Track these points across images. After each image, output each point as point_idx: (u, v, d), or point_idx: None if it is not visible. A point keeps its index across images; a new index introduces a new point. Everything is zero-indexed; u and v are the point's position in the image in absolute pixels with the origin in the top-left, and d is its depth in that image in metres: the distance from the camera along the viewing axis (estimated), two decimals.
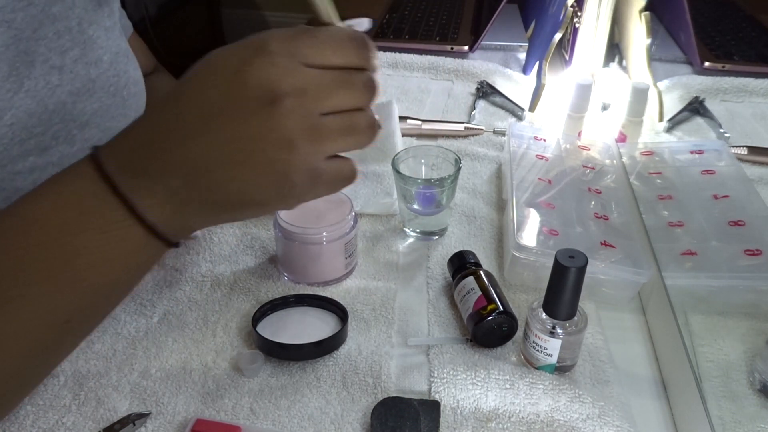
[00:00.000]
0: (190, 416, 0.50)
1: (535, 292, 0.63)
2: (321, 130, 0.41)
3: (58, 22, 0.58)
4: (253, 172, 0.41)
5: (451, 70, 1.06)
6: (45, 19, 0.57)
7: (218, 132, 0.40)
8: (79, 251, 0.41)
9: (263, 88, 0.39)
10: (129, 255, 0.43)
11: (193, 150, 0.41)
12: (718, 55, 0.88)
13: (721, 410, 0.47)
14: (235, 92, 0.40)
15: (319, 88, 0.41)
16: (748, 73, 0.85)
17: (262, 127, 0.40)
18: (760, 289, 0.57)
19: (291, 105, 0.40)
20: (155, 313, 0.59)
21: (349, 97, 0.42)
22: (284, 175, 0.41)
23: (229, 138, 0.40)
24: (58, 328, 0.43)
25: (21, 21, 0.55)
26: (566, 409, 0.50)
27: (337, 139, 0.42)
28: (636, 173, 0.75)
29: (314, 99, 0.40)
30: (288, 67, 0.40)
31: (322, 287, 0.63)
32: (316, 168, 0.42)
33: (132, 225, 0.42)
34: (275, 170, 0.41)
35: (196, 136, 0.41)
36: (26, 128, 0.55)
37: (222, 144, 0.40)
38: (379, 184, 0.75)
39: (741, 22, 0.90)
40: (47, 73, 0.57)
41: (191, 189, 0.42)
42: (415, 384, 0.53)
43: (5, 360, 0.42)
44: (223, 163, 0.41)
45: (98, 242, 0.41)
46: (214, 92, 0.41)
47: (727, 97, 0.83)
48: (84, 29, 0.61)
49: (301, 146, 0.40)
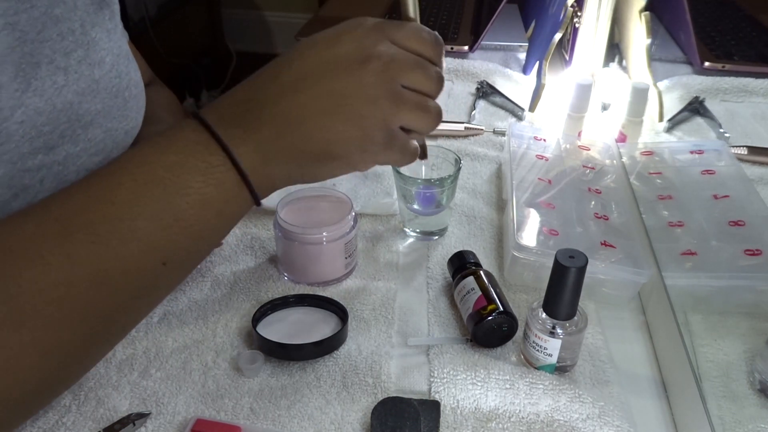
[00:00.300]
0: (190, 416, 0.50)
1: (535, 292, 0.63)
2: (401, 97, 0.47)
3: (61, 23, 0.59)
4: (341, 124, 0.46)
5: (451, 70, 1.06)
6: (48, 21, 0.58)
7: (312, 87, 0.45)
8: (181, 191, 0.44)
9: (357, 50, 0.46)
10: (223, 201, 0.46)
11: (287, 103, 0.46)
12: (718, 55, 0.88)
13: (721, 410, 0.47)
14: (331, 54, 0.46)
15: (403, 61, 0.47)
16: (748, 73, 0.85)
17: (353, 83, 0.45)
18: (760, 289, 0.57)
19: (379, 68, 0.45)
20: (155, 313, 0.59)
21: (425, 79, 0.48)
22: (366, 129, 0.46)
23: (322, 92, 0.45)
24: (157, 268, 0.45)
25: (25, 23, 0.55)
26: (566, 409, 0.50)
27: (412, 110, 0.48)
28: (636, 173, 0.75)
29: (398, 68, 0.46)
30: (379, 38, 0.46)
31: (322, 287, 0.63)
32: (392, 131, 0.47)
33: (229, 170, 0.45)
34: (360, 124, 0.46)
35: (291, 92, 0.46)
36: (35, 126, 0.56)
37: (315, 97, 0.45)
38: (379, 184, 0.75)
39: (741, 22, 0.90)
40: (53, 74, 0.57)
41: (282, 138, 0.46)
42: (415, 384, 0.54)
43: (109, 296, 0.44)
44: (314, 114, 0.45)
45: (199, 184, 0.44)
46: (312, 55, 0.46)
47: (727, 97, 0.84)
48: (87, 31, 0.62)
49: (383, 105, 0.46)
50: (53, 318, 0.42)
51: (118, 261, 0.43)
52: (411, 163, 0.52)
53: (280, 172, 0.47)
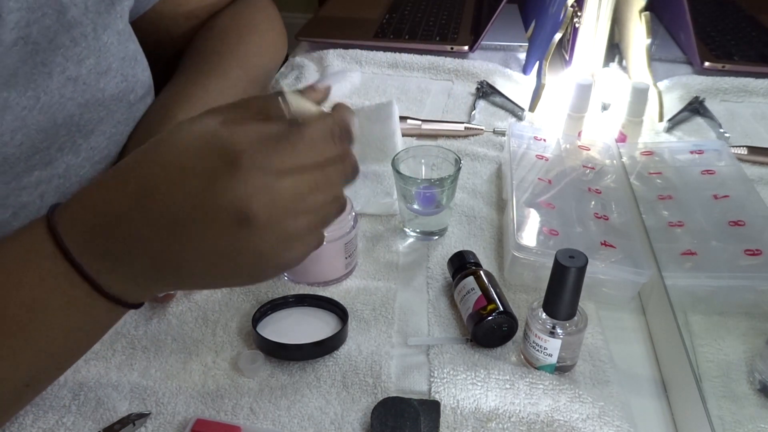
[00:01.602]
0: (190, 416, 0.50)
1: (535, 292, 0.63)
2: (294, 237, 0.41)
3: (73, 28, 0.57)
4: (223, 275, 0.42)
5: (451, 70, 1.06)
6: (60, 28, 0.56)
7: (188, 241, 0.40)
8: (39, 328, 0.41)
9: (234, 208, 0.38)
10: (91, 323, 0.44)
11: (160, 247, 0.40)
12: (718, 55, 0.88)
13: (721, 410, 0.47)
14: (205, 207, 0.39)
15: (293, 198, 0.40)
16: (748, 73, 0.85)
17: (234, 245, 0.40)
18: (760, 289, 0.57)
19: (263, 224, 0.39)
20: (155, 314, 0.59)
21: (324, 194, 0.42)
22: (253, 277, 0.43)
23: (198, 248, 0.40)
24: (19, 391, 0.43)
25: (37, 34, 0.54)
26: (566, 409, 0.50)
27: (309, 234, 0.43)
28: (636, 173, 0.75)
29: (287, 211, 0.40)
30: (259, 186, 0.39)
31: (322, 287, 0.63)
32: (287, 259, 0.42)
33: (95, 300, 0.42)
34: (245, 273, 0.42)
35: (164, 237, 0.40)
36: (33, 144, 0.55)
37: (191, 251, 0.40)
38: (379, 184, 0.75)
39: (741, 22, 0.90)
40: (63, 86, 0.56)
41: (156, 275, 0.42)
42: (415, 384, 0.53)
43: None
44: (191, 264, 0.41)
45: (60, 318, 0.42)
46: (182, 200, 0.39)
47: (727, 97, 0.83)
48: (99, 35, 0.60)
49: (272, 257, 0.41)
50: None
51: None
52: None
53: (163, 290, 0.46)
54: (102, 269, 0.41)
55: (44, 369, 0.44)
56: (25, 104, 0.53)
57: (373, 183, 0.75)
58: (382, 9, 1.25)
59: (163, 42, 0.78)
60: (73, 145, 0.59)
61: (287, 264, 0.43)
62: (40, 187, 0.56)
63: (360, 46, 1.10)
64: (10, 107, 0.52)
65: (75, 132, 0.59)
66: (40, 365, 0.43)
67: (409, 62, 1.08)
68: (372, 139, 0.81)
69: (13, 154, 0.53)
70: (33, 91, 0.53)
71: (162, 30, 0.77)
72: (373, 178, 0.75)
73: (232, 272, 0.42)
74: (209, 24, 0.79)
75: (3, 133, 0.51)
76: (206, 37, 0.77)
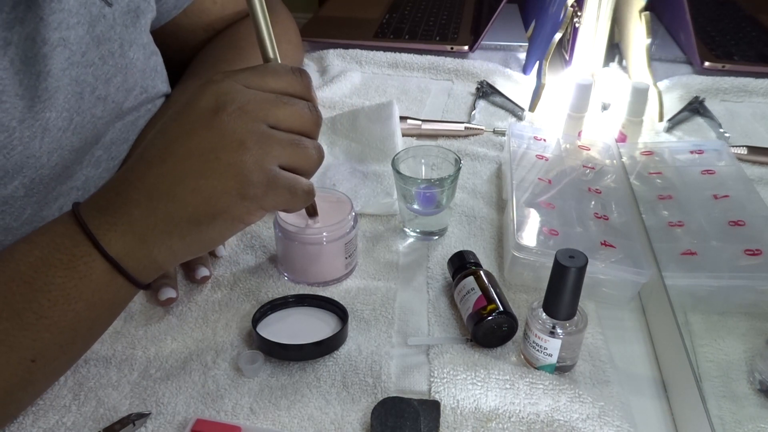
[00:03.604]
0: (190, 416, 0.50)
1: (535, 292, 0.63)
2: (269, 136, 0.44)
3: (102, 45, 0.57)
4: (212, 179, 0.43)
5: (451, 70, 1.06)
6: (91, 42, 0.56)
7: (176, 152, 0.43)
8: (42, 288, 0.42)
9: (209, 103, 0.44)
10: (92, 292, 0.44)
11: (154, 176, 0.43)
12: (718, 55, 0.88)
13: (721, 410, 0.47)
14: (188, 116, 0.44)
15: (260, 101, 0.44)
16: (748, 73, 0.84)
17: (213, 135, 0.43)
18: (760, 289, 0.57)
19: (235, 112, 0.43)
20: (155, 313, 0.59)
21: (291, 114, 0.45)
22: (242, 175, 0.43)
23: (186, 154, 0.43)
24: (25, 367, 0.43)
25: (73, 40, 0.54)
26: (566, 409, 0.50)
27: (285, 146, 0.45)
28: (636, 173, 0.75)
29: (257, 108, 0.44)
30: (231, 86, 0.44)
31: (322, 287, 0.63)
32: (271, 170, 0.44)
33: (95, 260, 0.43)
34: (232, 173, 0.43)
35: (157, 163, 0.43)
36: (66, 165, 0.55)
37: (180, 161, 0.43)
38: (379, 184, 0.75)
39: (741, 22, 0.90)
40: (93, 106, 0.56)
41: (155, 213, 0.43)
42: (415, 384, 0.53)
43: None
44: (182, 179, 0.43)
45: (62, 278, 0.43)
46: (171, 123, 0.45)
47: (727, 97, 0.83)
48: (125, 52, 0.60)
49: (251, 146, 0.43)
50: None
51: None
52: (306, 205, 0.49)
53: (161, 250, 0.45)
54: (103, 223, 0.43)
55: (48, 343, 0.44)
56: (60, 125, 0.53)
57: (373, 183, 0.75)
58: (382, 9, 1.25)
59: (180, 52, 0.78)
60: (93, 158, 0.59)
61: (273, 175, 0.44)
62: (59, 201, 0.57)
63: (360, 46, 1.10)
64: (49, 129, 0.52)
65: (96, 146, 0.59)
66: (44, 336, 0.43)
67: (409, 62, 1.08)
68: (372, 139, 0.81)
69: (48, 175, 0.54)
70: (66, 112, 0.54)
71: (180, 41, 0.77)
72: (373, 178, 0.75)
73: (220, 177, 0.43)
74: (223, 33, 0.80)
75: (41, 155, 0.52)
76: (218, 45, 0.78)
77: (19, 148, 0.51)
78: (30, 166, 0.52)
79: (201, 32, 0.79)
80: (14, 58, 0.50)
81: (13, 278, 0.42)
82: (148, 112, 0.66)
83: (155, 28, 0.70)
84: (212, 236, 0.46)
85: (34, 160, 0.52)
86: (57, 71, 0.52)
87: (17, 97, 0.50)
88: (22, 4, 0.51)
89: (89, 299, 0.44)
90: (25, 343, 0.43)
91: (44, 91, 0.52)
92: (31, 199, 0.54)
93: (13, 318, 0.42)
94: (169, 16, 0.72)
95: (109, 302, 0.46)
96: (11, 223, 0.53)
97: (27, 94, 0.51)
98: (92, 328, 0.47)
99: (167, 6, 0.71)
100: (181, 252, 0.47)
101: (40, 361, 0.44)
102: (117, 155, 0.62)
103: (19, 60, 0.51)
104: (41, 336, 0.43)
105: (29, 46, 0.51)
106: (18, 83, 0.51)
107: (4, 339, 0.42)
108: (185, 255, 0.48)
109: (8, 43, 0.50)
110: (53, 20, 0.52)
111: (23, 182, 0.52)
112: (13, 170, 0.51)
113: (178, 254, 0.47)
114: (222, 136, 0.43)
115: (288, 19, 0.87)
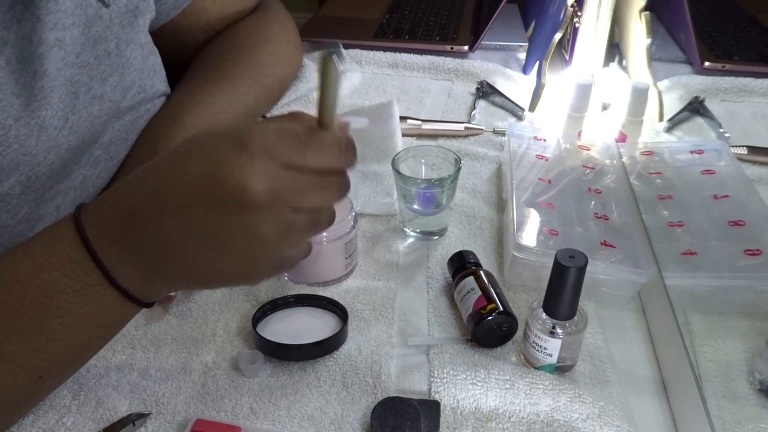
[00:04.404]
0: (190, 416, 0.50)
1: (535, 292, 0.63)
2: (291, 228, 0.43)
3: (98, 45, 0.57)
4: (223, 258, 0.43)
5: (451, 70, 1.06)
6: (86, 43, 0.56)
7: (193, 220, 0.41)
8: (54, 312, 0.42)
9: (239, 189, 0.40)
10: (102, 315, 0.44)
11: (168, 229, 0.42)
12: (718, 55, 0.88)
13: (721, 410, 0.47)
14: (212, 188, 0.40)
15: (293, 191, 0.41)
16: (748, 73, 0.85)
17: (236, 225, 0.41)
18: (760, 289, 0.57)
19: (264, 207, 0.40)
20: (155, 314, 0.59)
21: (320, 198, 0.44)
22: (253, 263, 0.44)
23: (203, 227, 0.41)
24: (32, 383, 0.44)
25: (69, 41, 0.54)
26: (566, 409, 0.50)
27: (303, 232, 0.44)
28: (636, 173, 0.75)
29: (287, 201, 0.41)
30: (264, 170, 0.40)
31: (322, 287, 0.63)
32: (282, 257, 0.44)
33: (106, 289, 0.43)
34: (245, 258, 0.43)
35: (172, 217, 0.42)
36: (63, 164, 0.55)
37: (196, 230, 0.42)
38: (379, 184, 0.75)
39: (741, 22, 0.90)
40: (89, 105, 0.56)
41: (163, 262, 0.43)
42: (415, 384, 0.53)
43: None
44: (195, 246, 0.42)
45: (73, 304, 0.43)
46: (193, 181, 0.41)
47: (727, 97, 0.84)
48: (121, 51, 0.60)
49: (271, 242, 0.42)
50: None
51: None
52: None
53: (164, 288, 0.46)
54: (113, 256, 0.43)
55: (57, 361, 0.44)
56: (56, 124, 0.53)
57: (373, 183, 0.75)
58: (382, 9, 1.25)
59: (179, 52, 0.78)
60: (91, 157, 0.59)
61: (283, 259, 0.45)
62: (56, 200, 0.57)
63: (360, 46, 1.10)
64: (45, 128, 0.52)
65: (94, 145, 0.59)
66: (53, 355, 0.43)
67: (409, 62, 1.08)
68: (372, 139, 0.81)
69: (44, 173, 0.54)
70: (62, 111, 0.54)
71: (179, 41, 0.77)
72: (373, 178, 0.75)
73: (231, 259, 0.43)
74: (223, 33, 0.80)
75: (38, 153, 0.52)
76: (219, 45, 0.78)
77: (15, 146, 0.51)
78: (26, 164, 0.52)
79: (200, 32, 0.79)
80: (11, 58, 0.51)
81: (22, 302, 0.42)
82: (147, 112, 0.66)
83: (154, 28, 0.70)
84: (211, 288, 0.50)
85: (30, 158, 0.52)
86: (53, 71, 0.53)
87: (13, 95, 0.50)
88: (19, 4, 0.51)
89: (100, 321, 0.45)
90: (34, 363, 0.43)
91: (40, 90, 0.52)
92: (27, 198, 0.54)
93: (23, 341, 0.42)
94: (168, 17, 0.73)
95: (119, 321, 0.47)
96: (8, 221, 0.53)
97: (23, 92, 0.51)
98: (100, 344, 0.48)
99: (166, 6, 0.71)
100: (191, 287, 0.50)
101: (47, 377, 0.45)
102: (115, 155, 0.62)
103: (15, 59, 0.51)
104: (51, 356, 0.43)
105: (26, 45, 0.51)
106: (14, 82, 0.51)
107: (13, 359, 0.42)
108: (196, 288, 0.50)
109: (5, 42, 0.50)
110: (50, 20, 0.52)
111: (19, 180, 0.52)
112: (8, 167, 0.51)
113: (187, 288, 0.50)
114: (245, 229, 0.41)
115: (287, 19, 0.87)
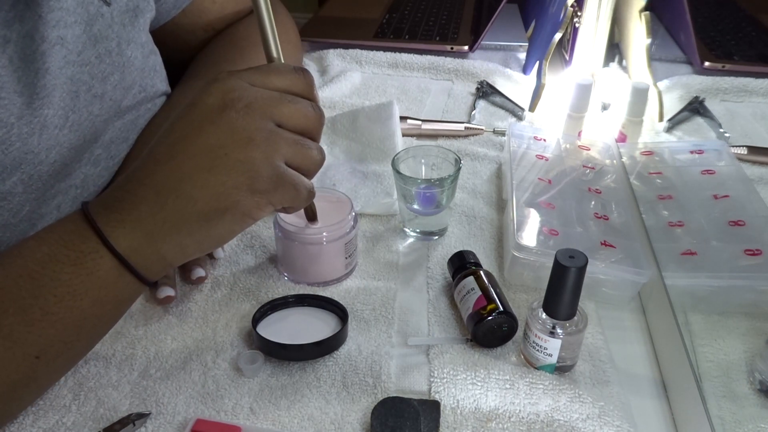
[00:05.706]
0: (190, 416, 0.50)
1: (535, 292, 0.63)
2: (276, 132, 0.45)
3: (99, 44, 0.57)
4: (222, 175, 0.44)
5: (451, 70, 1.06)
6: (87, 41, 0.56)
7: (185, 149, 0.44)
8: (48, 283, 0.42)
9: (216, 101, 0.44)
10: (99, 289, 0.44)
11: (163, 173, 0.44)
12: (718, 55, 0.88)
13: (721, 410, 0.47)
14: (192, 114, 0.45)
15: (266, 99, 0.45)
16: (748, 73, 0.84)
17: (221, 131, 0.44)
18: (760, 289, 0.57)
19: (244, 109, 0.44)
20: (155, 313, 0.59)
21: (295, 112, 0.46)
22: (252, 171, 0.44)
23: (194, 151, 0.44)
24: (29, 363, 0.43)
25: (70, 39, 0.54)
26: (566, 409, 0.50)
27: (291, 146, 0.46)
28: (636, 173, 0.75)
29: (263, 106, 0.45)
30: (237, 84, 0.45)
31: (322, 287, 0.63)
32: (278, 165, 0.45)
33: (102, 256, 0.43)
34: (242, 169, 0.44)
35: (166, 160, 0.44)
36: (64, 162, 0.55)
37: (189, 158, 0.44)
38: (379, 184, 0.75)
39: (741, 22, 0.90)
40: (90, 103, 0.57)
41: (163, 209, 0.44)
42: (415, 384, 0.53)
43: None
44: (190, 175, 0.43)
45: (69, 275, 0.43)
46: (180, 122, 0.45)
47: (727, 97, 0.83)
48: (122, 50, 0.60)
49: (260, 143, 0.44)
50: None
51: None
52: (307, 204, 0.50)
53: (170, 247, 0.46)
54: (112, 220, 0.43)
55: (53, 340, 0.44)
56: (57, 123, 0.53)
57: (373, 183, 0.75)
58: (382, 9, 1.25)
59: (179, 52, 0.78)
60: (92, 156, 0.59)
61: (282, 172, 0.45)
62: (57, 199, 0.57)
63: (360, 46, 1.10)
64: (47, 126, 0.52)
65: (95, 145, 0.59)
66: (49, 332, 0.43)
67: (409, 62, 1.08)
68: (372, 139, 0.81)
69: (46, 172, 0.54)
70: (62, 110, 0.54)
71: (179, 40, 0.78)
72: (373, 178, 0.75)
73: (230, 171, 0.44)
74: (223, 33, 0.80)
75: (39, 151, 0.52)
76: (219, 45, 0.78)
77: (17, 144, 0.51)
78: (28, 163, 0.52)
79: (200, 32, 0.79)
80: (13, 56, 0.51)
81: (20, 274, 0.43)
82: (148, 112, 0.66)
83: (155, 28, 0.70)
84: (221, 232, 0.47)
85: (32, 156, 0.52)
86: (55, 69, 0.53)
87: (15, 93, 0.50)
88: (21, 3, 0.51)
89: (95, 296, 0.44)
90: (30, 339, 0.43)
91: (42, 89, 0.52)
92: (29, 196, 0.54)
93: (18, 313, 0.42)
94: (168, 16, 0.73)
95: (115, 300, 0.46)
96: (9, 220, 0.53)
97: (25, 91, 0.51)
98: (97, 326, 0.47)
99: (167, 6, 0.71)
100: (190, 249, 0.47)
101: (43, 358, 0.44)
102: (116, 154, 0.62)
103: (17, 57, 0.51)
104: (46, 332, 0.43)
105: (28, 43, 0.51)
106: (16, 80, 0.51)
107: (9, 334, 0.42)
108: (194, 252, 0.48)
109: (7, 40, 0.50)
110: (52, 18, 0.52)
111: (21, 178, 0.52)
112: (11, 166, 0.51)
113: (186, 251, 0.47)
114: (230, 133, 0.44)
115: (287, 19, 0.88)
